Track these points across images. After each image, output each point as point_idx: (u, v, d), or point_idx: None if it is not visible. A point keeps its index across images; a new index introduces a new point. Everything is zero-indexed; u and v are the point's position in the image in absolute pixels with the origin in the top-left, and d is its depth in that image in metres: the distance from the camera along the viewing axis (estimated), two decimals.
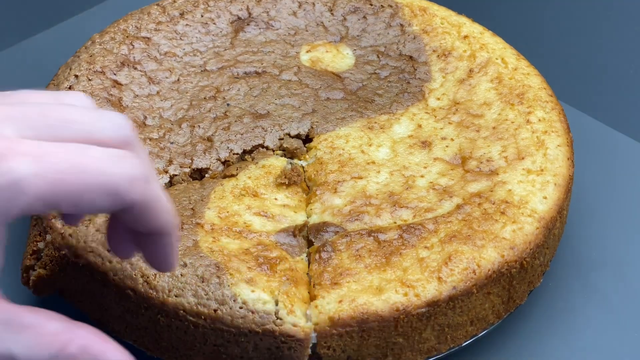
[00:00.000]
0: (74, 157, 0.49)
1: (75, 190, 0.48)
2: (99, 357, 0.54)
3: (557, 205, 0.80)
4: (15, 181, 0.46)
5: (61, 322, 0.53)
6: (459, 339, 0.76)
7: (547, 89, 0.93)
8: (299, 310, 0.67)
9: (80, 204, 0.49)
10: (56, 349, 0.52)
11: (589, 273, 0.88)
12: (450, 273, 0.73)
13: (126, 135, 0.54)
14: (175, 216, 0.56)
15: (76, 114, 0.52)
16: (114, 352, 0.55)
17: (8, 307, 0.51)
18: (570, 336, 0.82)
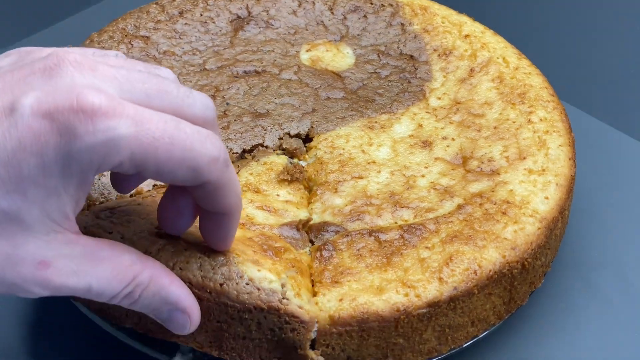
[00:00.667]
0: (169, 128, 0.52)
1: (163, 159, 0.52)
2: (165, 288, 0.58)
3: (559, 205, 0.80)
4: (115, 139, 0.49)
5: (135, 254, 0.57)
6: (459, 340, 0.76)
7: (549, 88, 0.93)
8: (305, 296, 0.67)
9: (164, 172, 0.53)
10: (129, 279, 0.56)
11: (590, 274, 0.89)
12: (451, 273, 0.73)
13: (211, 115, 0.57)
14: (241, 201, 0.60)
15: (171, 86, 0.55)
16: (178, 285, 0.60)
17: (87, 241, 0.54)
18: (571, 337, 0.82)
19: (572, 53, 1.20)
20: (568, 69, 1.16)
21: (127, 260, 0.56)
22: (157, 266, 0.59)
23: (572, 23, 1.26)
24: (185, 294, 0.61)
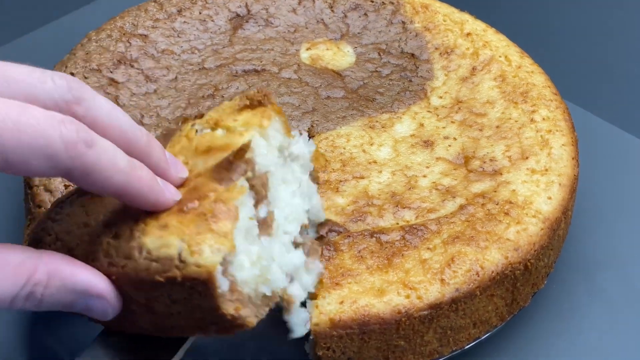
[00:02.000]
0: (13, 114, 0.49)
1: (10, 146, 0.49)
2: (68, 278, 0.55)
3: (562, 205, 0.80)
4: None
5: (24, 252, 0.54)
6: (461, 342, 0.76)
7: (552, 87, 0.93)
8: (207, 249, 0.58)
9: (15, 162, 0.50)
10: (23, 280, 0.53)
11: (594, 275, 0.89)
12: (453, 275, 0.73)
13: (70, 99, 0.54)
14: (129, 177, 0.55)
15: (22, 73, 0.52)
16: (83, 272, 0.56)
17: None
18: (575, 339, 0.82)
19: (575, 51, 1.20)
20: (571, 67, 1.16)
21: (15, 260, 0.53)
22: (54, 259, 0.55)
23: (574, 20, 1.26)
24: (94, 279, 0.57)
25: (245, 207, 0.60)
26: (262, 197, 0.63)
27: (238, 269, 0.59)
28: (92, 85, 0.91)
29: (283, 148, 0.68)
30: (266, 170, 0.64)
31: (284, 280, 0.63)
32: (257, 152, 0.63)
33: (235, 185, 0.61)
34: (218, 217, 0.59)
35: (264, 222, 0.63)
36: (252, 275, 0.60)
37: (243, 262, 0.60)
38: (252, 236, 0.61)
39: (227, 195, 0.60)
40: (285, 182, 0.68)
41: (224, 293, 0.58)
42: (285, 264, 0.64)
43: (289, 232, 0.67)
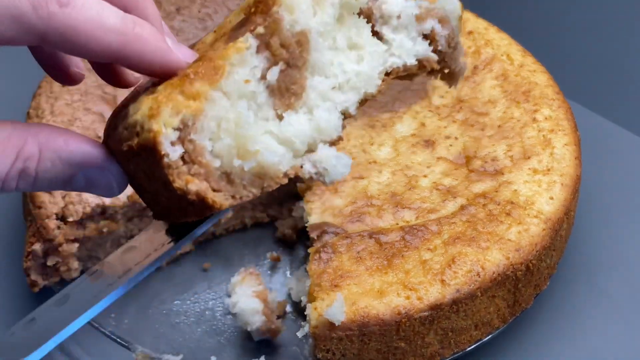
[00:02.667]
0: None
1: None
2: (62, 149, 0.51)
3: (564, 206, 0.80)
4: None
5: (12, 126, 0.50)
6: (463, 344, 0.76)
7: (554, 86, 0.92)
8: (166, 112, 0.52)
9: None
10: (13, 155, 0.49)
11: (597, 276, 0.88)
12: (453, 275, 0.72)
13: None
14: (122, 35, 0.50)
15: None
16: (77, 141, 0.52)
17: None
18: (578, 341, 0.82)
19: (578, 50, 1.20)
20: (573, 66, 1.16)
21: (1, 135, 0.49)
22: (44, 129, 0.50)
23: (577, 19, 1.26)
24: (89, 147, 0.52)
25: (243, 67, 0.54)
26: (282, 60, 0.56)
27: (205, 137, 0.52)
28: (89, 84, 0.91)
29: (352, 7, 0.60)
30: (303, 29, 0.56)
31: (280, 156, 0.55)
32: (293, 7, 0.56)
33: (235, 42, 0.54)
34: (196, 78, 0.52)
35: (286, 90, 0.57)
36: (225, 146, 0.53)
37: (216, 130, 0.53)
38: (256, 105, 0.55)
39: (220, 53, 0.54)
40: (354, 46, 0.61)
41: (173, 163, 0.51)
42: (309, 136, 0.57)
43: (339, 103, 0.59)
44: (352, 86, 0.60)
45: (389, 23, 0.62)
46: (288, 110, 0.56)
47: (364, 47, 0.61)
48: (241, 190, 0.54)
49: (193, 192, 0.52)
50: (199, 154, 0.52)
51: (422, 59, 0.64)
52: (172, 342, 0.83)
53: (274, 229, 0.94)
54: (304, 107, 0.57)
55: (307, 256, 0.76)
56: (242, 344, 0.82)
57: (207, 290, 0.88)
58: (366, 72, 0.60)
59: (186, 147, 0.51)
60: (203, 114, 0.52)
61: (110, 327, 0.83)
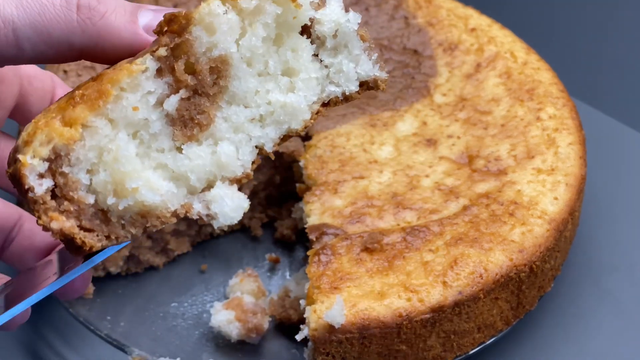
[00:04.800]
0: None
1: None
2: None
3: (569, 206, 0.80)
4: None
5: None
6: (465, 347, 0.76)
7: (558, 84, 0.93)
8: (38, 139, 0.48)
9: None
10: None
11: (602, 277, 0.88)
12: (456, 277, 0.73)
13: None
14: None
15: None
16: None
17: None
18: (583, 343, 0.82)
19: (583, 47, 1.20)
20: (578, 64, 1.16)
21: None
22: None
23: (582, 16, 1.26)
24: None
25: (134, 93, 0.49)
26: (189, 88, 0.51)
27: (80, 170, 0.48)
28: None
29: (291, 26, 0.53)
30: (223, 54, 0.51)
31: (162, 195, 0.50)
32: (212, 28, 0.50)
33: (130, 64, 0.49)
34: (79, 102, 0.48)
35: (190, 120, 0.51)
36: (101, 182, 0.49)
37: (94, 162, 0.49)
38: (150, 136, 0.50)
39: (110, 75, 0.49)
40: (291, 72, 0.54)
41: (38, 198, 0.47)
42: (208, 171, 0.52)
43: (255, 137, 0.53)
44: (275, 119, 0.54)
45: (324, 44, 0.54)
46: (189, 142, 0.51)
47: (299, 72, 0.54)
48: (118, 230, 0.50)
49: (56, 230, 0.48)
50: (71, 189, 0.48)
51: (368, 80, 0.56)
52: (169, 345, 0.83)
53: (272, 229, 0.95)
54: (209, 139, 0.52)
55: (306, 258, 0.76)
56: (240, 347, 0.83)
57: (204, 292, 0.89)
58: (294, 105, 0.53)
59: (57, 180, 0.48)
60: (79, 144, 0.48)
61: (106, 330, 0.83)
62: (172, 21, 0.50)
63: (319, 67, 0.54)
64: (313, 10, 0.53)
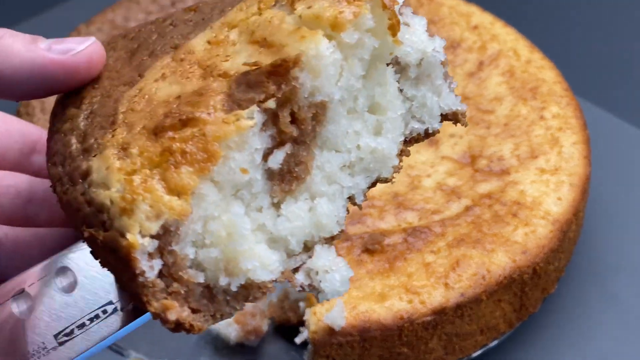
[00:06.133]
0: None
1: None
2: None
3: (573, 206, 0.80)
4: None
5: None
6: (468, 349, 0.76)
7: (562, 83, 0.93)
8: (142, 210, 0.42)
9: None
10: None
11: (606, 279, 0.88)
12: (458, 279, 0.73)
13: None
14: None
15: None
16: None
17: None
18: (587, 345, 0.82)
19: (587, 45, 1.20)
20: (583, 62, 1.16)
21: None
22: None
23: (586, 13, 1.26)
24: None
25: (242, 152, 0.43)
26: (290, 139, 0.45)
27: (189, 244, 0.43)
28: None
29: (382, 58, 0.47)
30: (324, 100, 0.45)
31: (275, 270, 0.45)
32: (317, 71, 0.44)
33: (237, 117, 0.43)
34: (182, 162, 0.42)
35: (287, 173, 0.46)
36: (211, 259, 0.44)
37: (202, 233, 0.44)
38: (250, 195, 0.45)
39: (215, 130, 0.43)
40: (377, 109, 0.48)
41: (149, 282, 0.42)
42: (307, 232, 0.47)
43: (346, 188, 0.48)
44: (364, 167, 0.48)
45: (407, 74, 0.49)
46: (287, 197, 0.46)
47: (387, 110, 0.48)
48: (224, 308, 0.45)
49: (172, 321, 0.43)
50: (180, 268, 0.43)
51: (449, 113, 0.51)
52: (167, 348, 0.83)
53: None
54: (305, 193, 0.47)
55: None
56: (239, 350, 0.83)
57: None
58: (384, 150, 0.48)
59: (165, 259, 0.42)
60: (190, 218, 0.42)
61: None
62: (281, 65, 0.44)
63: (402, 101, 0.49)
64: (411, 47, 0.47)
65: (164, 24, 0.53)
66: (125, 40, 0.54)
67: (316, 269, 0.46)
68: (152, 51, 0.50)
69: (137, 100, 0.46)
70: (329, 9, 0.44)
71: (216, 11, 0.51)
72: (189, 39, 0.49)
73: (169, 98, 0.45)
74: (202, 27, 0.49)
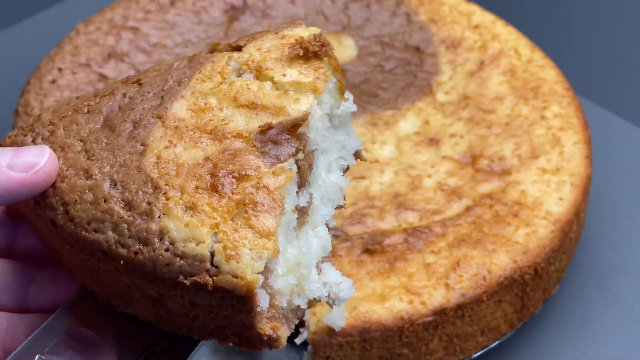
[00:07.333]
0: None
1: None
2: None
3: (574, 207, 0.80)
4: None
5: None
6: (468, 350, 0.76)
7: (564, 82, 0.93)
8: (247, 254, 0.50)
9: None
10: None
11: (608, 279, 0.89)
12: (458, 279, 0.73)
13: None
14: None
15: None
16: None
17: None
18: (589, 347, 0.83)
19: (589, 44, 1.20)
20: (584, 62, 1.16)
21: None
22: None
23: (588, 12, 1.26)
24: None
25: (290, 197, 0.53)
26: (305, 181, 0.56)
27: (276, 278, 0.52)
28: (81, 81, 0.92)
29: (333, 115, 0.59)
30: (315, 148, 0.56)
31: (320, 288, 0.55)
32: (311, 126, 0.55)
33: (282, 169, 0.53)
34: (260, 210, 0.51)
35: (302, 211, 0.56)
36: (288, 285, 0.53)
37: (281, 268, 0.53)
38: (290, 232, 0.54)
39: (274, 181, 0.52)
40: (326, 153, 0.59)
41: (263, 310, 0.51)
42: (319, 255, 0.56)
43: (324, 216, 0.58)
44: (329, 198, 0.59)
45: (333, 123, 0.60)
46: (300, 229, 0.55)
47: (331, 152, 0.59)
48: (291, 324, 0.55)
49: (281, 338, 0.53)
50: (273, 296, 0.52)
51: (356, 151, 0.62)
52: None
53: None
54: (308, 225, 0.56)
55: None
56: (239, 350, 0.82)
57: None
58: (337, 182, 0.59)
59: (267, 290, 0.52)
60: (279, 255, 0.51)
61: None
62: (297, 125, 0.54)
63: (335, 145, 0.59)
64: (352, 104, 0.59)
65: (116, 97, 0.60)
66: (82, 115, 0.59)
67: (329, 282, 0.55)
68: (134, 122, 0.57)
69: (164, 166, 0.54)
70: (304, 77, 0.56)
71: (172, 82, 0.59)
72: (167, 109, 0.57)
73: (198, 160, 0.53)
74: (171, 97, 0.58)
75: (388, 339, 0.71)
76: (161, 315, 0.56)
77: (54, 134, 0.59)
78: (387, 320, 0.70)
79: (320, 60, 0.57)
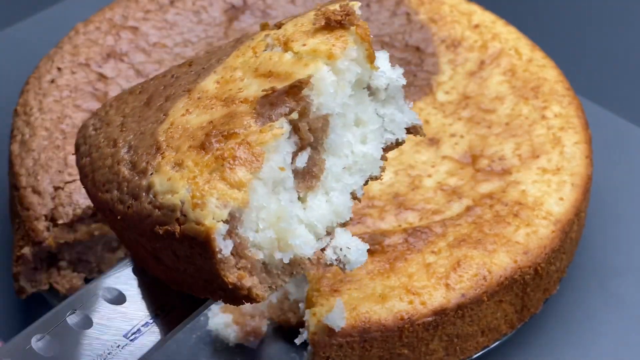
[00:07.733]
0: None
1: None
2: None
3: (575, 207, 0.80)
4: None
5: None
6: (469, 351, 0.76)
7: (564, 82, 0.93)
8: (212, 202, 0.53)
9: None
10: None
11: (609, 280, 0.89)
12: (459, 279, 0.73)
13: None
14: None
15: None
16: None
17: None
18: (589, 347, 0.83)
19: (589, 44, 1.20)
20: (584, 61, 1.17)
21: None
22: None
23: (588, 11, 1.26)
24: None
25: (278, 153, 0.55)
26: (308, 144, 0.57)
27: (249, 229, 0.54)
28: (80, 80, 0.92)
29: (362, 83, 0.60)
30: (327, 113, 0.57)
31: (312, 246, 0.57)
32: (321, 90, 0.57)
33: (271, 127, 0.55)
34: (237, 164, 0.54)
35: (307, 173, 0.58)
36: (267, 239, 0.55)
37: (256, 221, 0.54)
38: (284, 189, 0.56)
39: (257, 137, 0.54)
40: (360, 123, 0.61)
41: (225, 258, 0.53)
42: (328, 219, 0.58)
43: (349, 185, 0.60)
44: (359, 168, 0.61)
45: (377, 97, 0.62)
46: (309, 192, 0.58)
47: (368, 124, 0.61)
48: (277, 280, 0.56)
49: (246, 287, 0.54)
50: (244, 247, 0.54)
51: (410, 127, 0.63)
52: (166, 349, 0.83)
53: None
54: (322, 189, 0.59)
55: None
56: (238, 351, 0.83)
57: None
58: (371, 154, 0.61)
59: (234, 240, 0.53)
60: (249, 206, 0.53)
61: None
62: (295, 87, 0.56)
63: (377, 117, 0.61)
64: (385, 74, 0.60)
65: (166, 78, 0.66)
66: (133, 95, 0.66)
67: (340, 246, 0.58)
68: (167, 97, 0.62)
69: (173, 130, 0.58)
70: (322, 44, 0.58)
71: (213, 61, 0.63)
72: (199, 83, 0.61)
73: (202, 124, 0.57)
74: (206, 72, 0.62)
75: (388, 339, 0.71)
76: (166, 272, 0.59)
77: (108, 113, 0.65)
78: (387, 320, 0.70)
79: (345, 30, 0.58)
